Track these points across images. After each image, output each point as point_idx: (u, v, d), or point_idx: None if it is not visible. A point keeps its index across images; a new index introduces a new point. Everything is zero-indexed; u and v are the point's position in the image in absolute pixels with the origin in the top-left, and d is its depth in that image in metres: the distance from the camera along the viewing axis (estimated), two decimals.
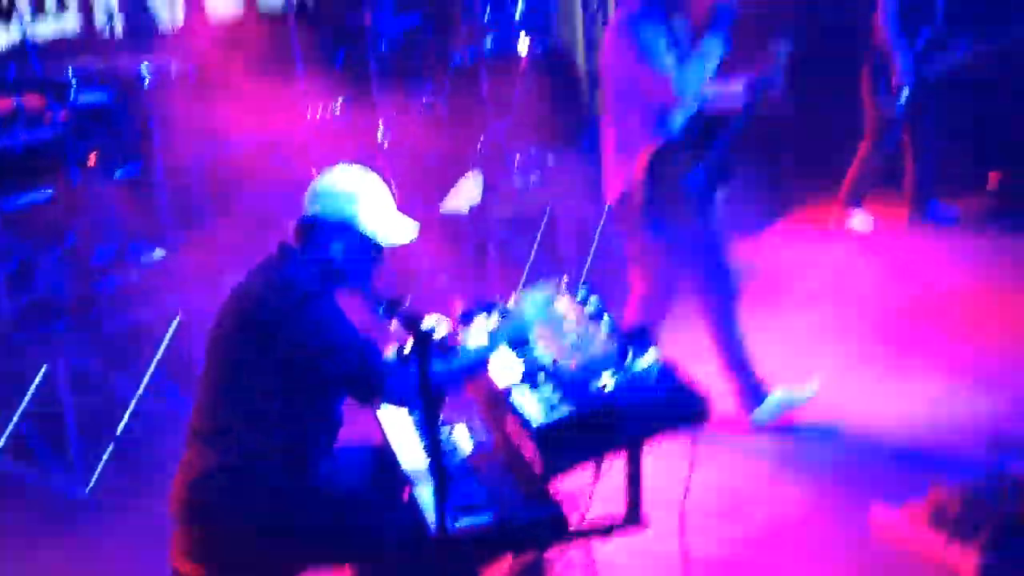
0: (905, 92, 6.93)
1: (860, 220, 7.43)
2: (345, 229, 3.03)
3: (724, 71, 4.63)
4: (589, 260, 6.93)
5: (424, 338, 2.56)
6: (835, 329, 5.85)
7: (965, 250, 6.88)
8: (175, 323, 5.21)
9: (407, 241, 3.14)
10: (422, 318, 2.66)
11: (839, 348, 5.60)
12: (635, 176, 4.55)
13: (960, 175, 7.65)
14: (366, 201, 3.06)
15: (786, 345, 5.65)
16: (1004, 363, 5.22)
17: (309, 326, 2.85)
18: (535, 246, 6.41)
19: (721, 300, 4.82)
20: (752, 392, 4.83)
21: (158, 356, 5.15)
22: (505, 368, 3.17)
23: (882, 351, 5.52)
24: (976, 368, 5.19)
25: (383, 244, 3.08)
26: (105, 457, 4.88)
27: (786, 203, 8.13)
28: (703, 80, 4.51)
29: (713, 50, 4.51)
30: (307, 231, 3.05)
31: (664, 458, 3.79)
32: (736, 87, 4.71)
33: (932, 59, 6.97)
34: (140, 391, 5.09)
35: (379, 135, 6.93)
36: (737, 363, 4.84)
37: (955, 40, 6.99)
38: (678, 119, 4.59)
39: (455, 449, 3.15)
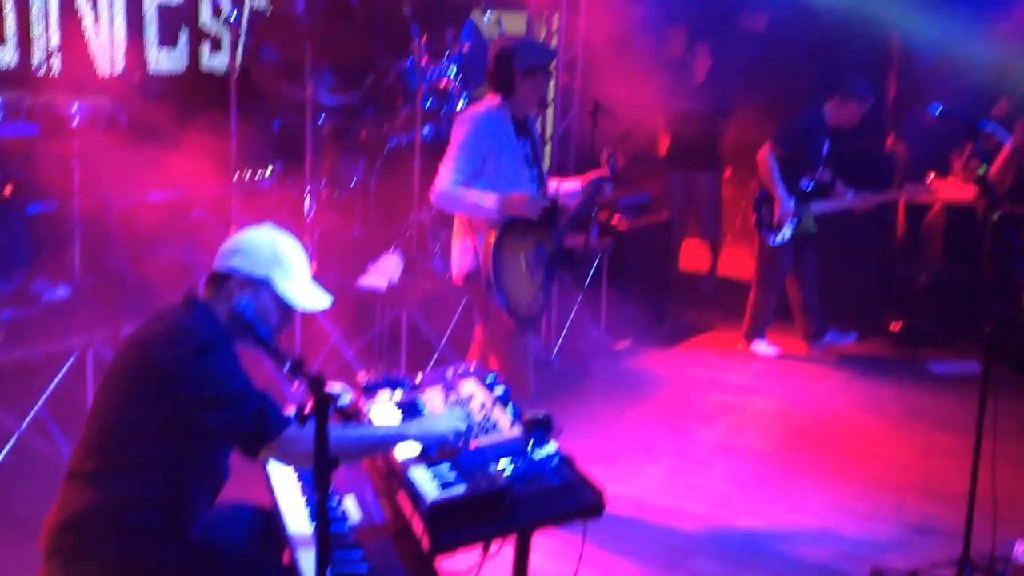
0: (787, 230, 7.25)
1: (764, 348, 7.69)
2: (258, 286, 3.01)
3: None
4: None
5: (326, 400, 2.52)
6: (731, 447, 5.96)
7: (862, 387, 7.17)
8: (68, 363, 5.07)
9: (318, 309, 3.14)
10: (326, 381, 2.63)
11: (734, 464, 5.70)
12: (484, 251, 4.71)
13: (863, 318, 8.10)
14: (284, 263, 3.05)
15: (682, 458, 5.76)
16: (890, 497, 5.35)
17: (204, 375, 2.81)
18: (449, 329, 6.42)
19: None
20: None
21: (46, 394, 5.00)
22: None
23: (774, 473, 5.62)
24: (862, 499, 5.32)
25: (295, 308, 3.07)
26: None
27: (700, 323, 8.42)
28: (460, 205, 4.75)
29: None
30: (219, 283, 3.03)
31: (553, 548, 3.82)
32: (575, 184, 5.05)
33: (815, 201, 7.34)
34: (23, 426, 4.92)
35: (305, 205, 6.92)
36: None
37: (841, 188, 7.38)
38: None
39: (343, 517, 3.09)
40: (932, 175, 7.82)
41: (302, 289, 3.08)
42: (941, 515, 5.07)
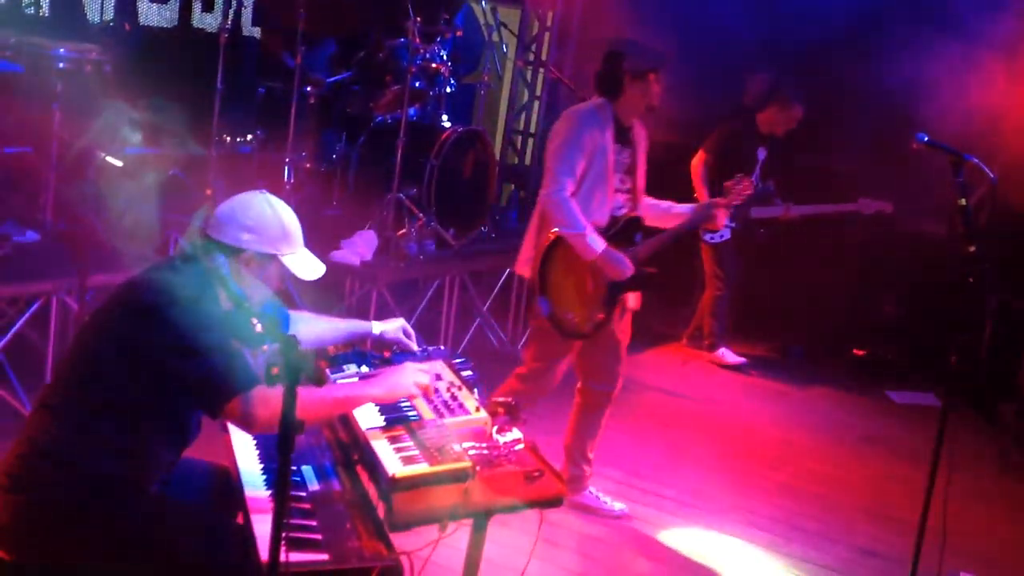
0: (725, 231, 7.36)
1: (729, 356, 7.72)
2: (265, 261, 3.02)
3: None
4: (468, 336, 6.96)
5: (299, 361, 2.48)
6: (687, 456, 5.97)
7: (821, 408, 7.24)
8: (32, 309, 4.99)
9: (313, 277, 3.11)
10: (299, 342, 2.59)
11: (689, 473, 5.71)
12: (538, 249, 4.62)
13: (827, 343, 8.25)
14: (289, 237, 3.06)
15: (638, 462, 5.76)
16: (841, 519, 5.39)
17: (183, 322, 2.79)
18: (417, 312, 6.39)
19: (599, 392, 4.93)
20: (575, 480, 4.96)
21: (7, 337, 4.92)
22: (368, 410, 3.13)
23: (728, 485, 5.63)
24: (813, 518, 5.35)
25: (291, 273, 3.06)
26: None
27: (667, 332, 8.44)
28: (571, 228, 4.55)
29: None
30: (214, 241, 3.01)
31: (509, 532, 3.81)
32: (687, 208, 4.87)
33: (754, 206, 7.38)
34: None
35: (284, 174, 6.88)
36: (579, 451, 4.98)
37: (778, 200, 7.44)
38: (597, 212, 4.64)
39: (300, 485, 3.05)
40: None
41: (302, 260, 3.10)
42: (890, 541, 5.11)
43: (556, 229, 4.60)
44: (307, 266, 3.10)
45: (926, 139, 4.29)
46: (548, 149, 4.70)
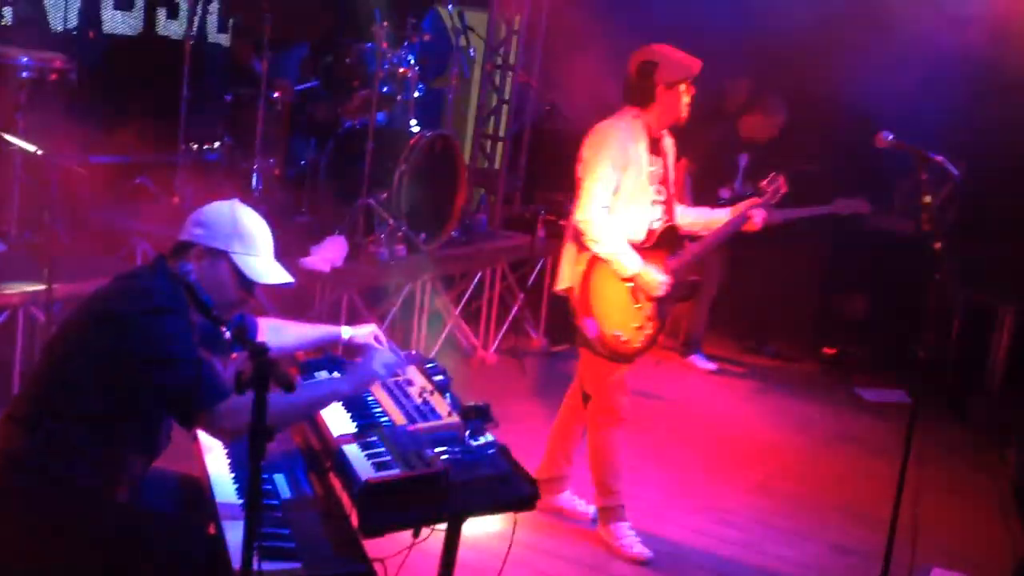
0: None
1: (702, 362, 7.76)
2: (216, 257, 2.99)
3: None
4: (439, 342, 6.94)
5: (266, 367, 2.47)
6: (661, 457, 5.98)
7: (792, 407, 7.27)
8: None
9: (270, 281, 3.09)
10: (268, 349, 2.58)
11: (662, 474, 5.72)
12: (583, 271, 4.51)
13: (797, 340, 8.31)
14: (244, 237, 3.02)
15: None
16: (813, 516, 5.42)
17: (153, 333, 2.78)
18: (388, 319, 6.37)
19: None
20: (554, 483, 4.95)
21: None
22: (339, 416, 3.12)
23: (702, 485, 5.65)
24: (786, 516, 5.38)
25: (253, 281, 3.03)
26: None
27: None
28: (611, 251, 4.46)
29: None
30: (182, 251, 3.01)
31: (483, 536, 3.80)
32: (723, 213, 4.84)
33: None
34: None
35: (252, 181, 6.84)
36: (565, 454, 4.98)
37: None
38: (635, 225, 4.56)
39: (272, 493, 3.03)
40: None
41: (261, 264, 3.05)
42: (863, 537, 5.12)
43: (591, 249, 4.49)
44: (263, 269, 3.05)
45: (891, 137, 4.32)
46: (581, 165, 4.57)
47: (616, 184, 4.48)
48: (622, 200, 4.51)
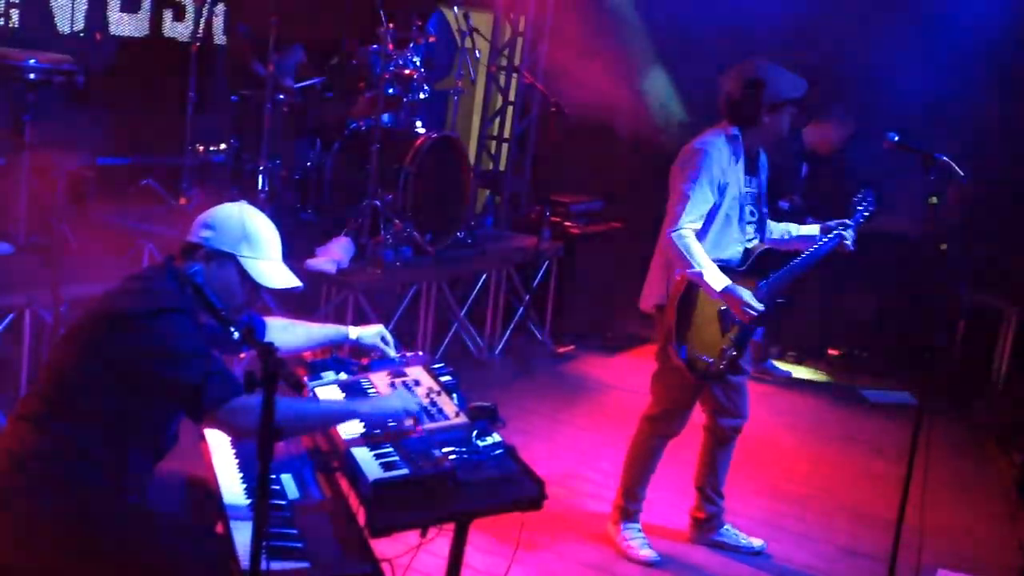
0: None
1: (776, 370, 7.80)
2: (224, 260, 3.01)
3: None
4: (446, 342, 6.96)
5: (276, 368, 2.48)
6: (666, 458, 5.94)
7: (798, 409, 7.27)
8: (6, 321, 4.95)
9: (285, 286, 3.10)
10: (276, 349, 2.58)
11: (668, 475, 5.70)
12: (673, 292, 4.41)
13: (805, 344, 8.30)
14: (252, 240, 3.04)
15: (617, 464, 5.75)
16: (820, 518, 5.42)
17: (161, 332, 2.80)
18: (394, 319, 6.38)
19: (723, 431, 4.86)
20: (712, 519, 4.95)
21: None
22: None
23: None
24: (793, 518, 5.38)
25: (260, 284, 3.04)
26: None
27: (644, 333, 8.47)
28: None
29: None
30: (189, 253, 3.02)
31: (490, 537, 3.81)
32: (812, 230, 4.75)
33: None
34: None
35: (259, 183, 6.85)
36: (713, 488, 4.94)
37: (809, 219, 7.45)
38: (730, 247, 4.51)
39: (280, 494, 3.04)
40: None
41: (269, 267, 3.06)
42: (870, 539, 5.13)
43: (679, 271, 4.40)
44: (272, 273, 3.06)
45: (896, 138, 4.32)
46: (674, 180, 4.45)
47: (711, 203, 4.39)
48: (718, 219, 4.43)
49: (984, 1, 7.33)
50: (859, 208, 4.70)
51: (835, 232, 4.64)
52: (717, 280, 4.31)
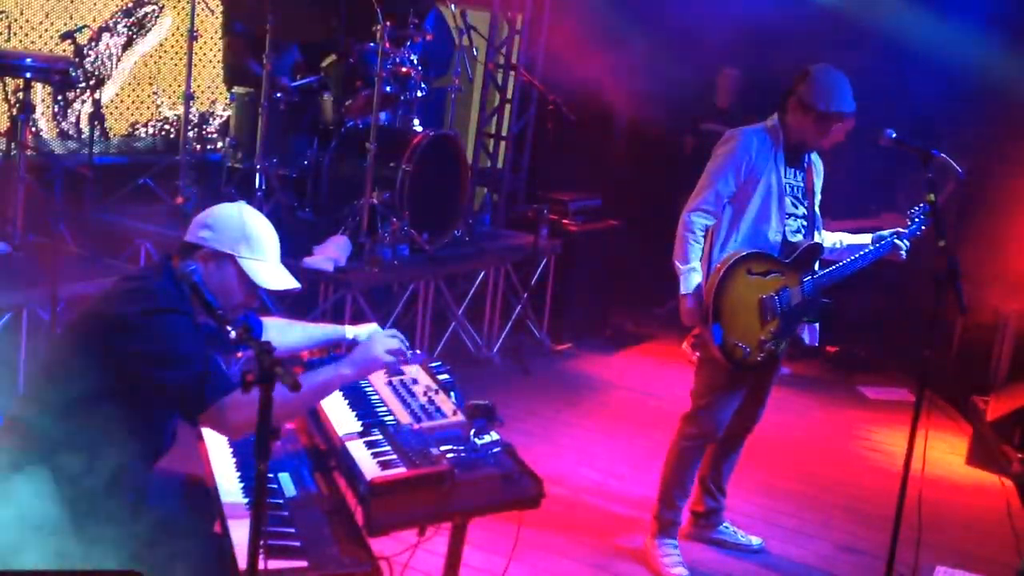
0: None
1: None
2: (223, 260, 3.00)
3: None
4: (443, 341, 6.95)
5: (273, 367, 2.47)
6: (664, 453, 5.96)
7: (795, 406, 7.25)
8: (2, 321, 4.94)
9: (283, 288, 3.10)
10: (273, 348, 2.58)
11: None
12: (711, 278, 4.36)
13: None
14: (251, 241, 3.03)
15: (615, 462, 5.77)
16: (817, 515, 5.42)
17: (156, 332, 2.79)
18: (392, 318, 6.38)
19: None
20: (712, 514, 4.93)
21: None
22: (344, 416, 3.12)
23: None
24: (790, 515, 5.38)
25: (258, 286, 3.04)
26: None
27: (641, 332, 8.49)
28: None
29: None
30: (187, 252, 3.02)
31: (488, 535, 3.80)
32: (864, 239, 4.69)
33: None
34: None
35: (256, 181, 6.84)
36: (717, 485, 4.92)
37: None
38: (769, 234, 4.44)
39: (277, 492, 3.04)
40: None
41: (268, 269, 3.06)
42: (867, 536, 5.13)
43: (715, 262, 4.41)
44: (270, 275, 3.05)
45: (893, 135, 4.30)
46: (708, 163, 4.46)
47: (733, 193, 4.38)
48: (753, 206, 4.39)
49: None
50: (916, 220, 4.64)
51: (888, 239, 4.61)
52: (690, 282, 4.35)
